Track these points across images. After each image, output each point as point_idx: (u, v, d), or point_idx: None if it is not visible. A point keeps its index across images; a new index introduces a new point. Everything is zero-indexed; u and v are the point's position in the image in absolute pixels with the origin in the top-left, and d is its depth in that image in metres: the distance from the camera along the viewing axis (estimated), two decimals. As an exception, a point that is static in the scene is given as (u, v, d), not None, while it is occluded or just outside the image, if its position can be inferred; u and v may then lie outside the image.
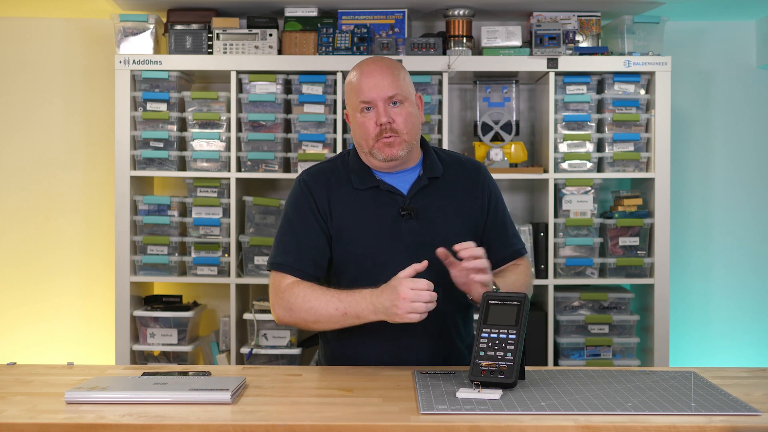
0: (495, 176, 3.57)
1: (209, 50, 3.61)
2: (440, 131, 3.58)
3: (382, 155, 2.22)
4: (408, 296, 2.01)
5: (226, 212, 3.60)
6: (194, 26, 3.62)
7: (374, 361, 2.21)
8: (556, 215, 3.60)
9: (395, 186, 2.27)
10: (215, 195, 3.62)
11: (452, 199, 2.29)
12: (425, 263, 2.06)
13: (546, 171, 3.60)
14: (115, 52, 3.64)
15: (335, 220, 2.25)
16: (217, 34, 3.58)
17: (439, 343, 2.25)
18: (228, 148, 3.60)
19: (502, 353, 1.89)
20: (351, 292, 2.12)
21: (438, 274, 2.22)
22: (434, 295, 2.02)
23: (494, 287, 2.08)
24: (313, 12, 3.65)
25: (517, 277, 2.29)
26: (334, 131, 3.61)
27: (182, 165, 3.68)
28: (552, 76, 3.56)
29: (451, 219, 2.27)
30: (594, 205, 3.60)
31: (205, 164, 3.62)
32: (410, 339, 2.23)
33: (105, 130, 3.89)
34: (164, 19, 3.73)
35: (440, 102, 3.58)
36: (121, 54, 3.57)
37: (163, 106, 3.61)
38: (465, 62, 3.55)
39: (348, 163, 2.31)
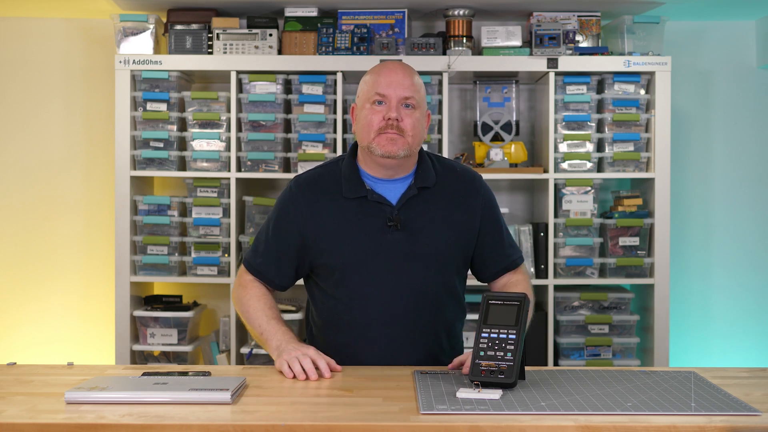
0: (495, 176, 3.60)
1: (209, 50, 3.61)
2: (440, 131, 3.58)
3: (381, 150, 2.18)
4: (303, 361, 2.05)
5: (226, 212, 3.60)
6: (194, 26, 3.62)
7: (366, 360, 2.22)
8: (556, 215, 3.60)
9: (384, 196, 2.23)
10: (215, 195, 3.62)
11: (442, 210, 2.26)
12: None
13: (546, 171, 3.60)
14: (115, 52, 3.64)
15: (317, 229, 2.23)
16: (217, 34, 3.58)
17: (426, 348, 2.25)
18: (228, 148, 3.60)
19: (502, 353, 1.89)
20: (276, 323, 2.21)
21: (425, 279, 2.23)
22: (310, 370, 2.03)
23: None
24: (313, 12, 3.65)
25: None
26: (334, 131, 3.61)
27: (182, 165, 3.68)
28: (552, 76, 3.56)
29: (439, 230, 2.24)
30: (594, 205, 3.60)
31: (205, 164, 3.62)
32: (396, 343, 2.23)
33: (105, 130, 3.89)
34: (164, 19, 3.73)
35: (440, 102, 3.58)
36: (121, 54, 3.57)
37: (163, 106, 3.61)
38: (465, 62, 3.55)
39: (341, 169, 2.28)
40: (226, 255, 3.60)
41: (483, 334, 1.92)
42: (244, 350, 3.55)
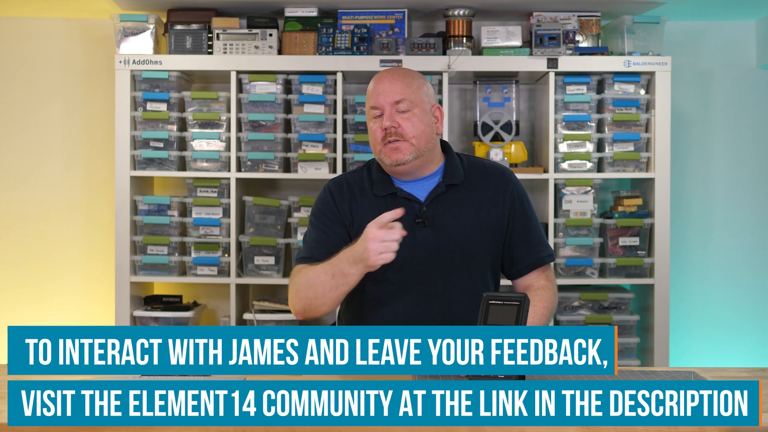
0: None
1: (209, 50, 3.61)
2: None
3: (388, 160, 2.23)
4: (376, 236, 2.02)
5: (226, 212, 3.60)
6: (194, 26, 3.62)
7: None
8: (556, 215, 3.60)
9: (413, 193, 2.28)
10: (215, 195, 3.62)
11: (470, 207, 2.28)
12: (400, 211, 2.06)
13: (546, 171, 3.60)
14: (115, 52, 3.64)
15: (355, 225, 2.27)
16: (217, 34, 3.58)
17: None
18: (228, 148, 3.60)
19: (502, 353, 1.89)
20: (329, 260, 2.16)
21: (456, 276, 2.23)
22: (402, 233, 2.02)
23: None
24: (313, 12, 3.65)
25: (534, 311, 2.22)
26: (334, 131, 3.61)
27: (182, 165, 3.68)
28: (552, 76, 3.56)
29: (467, 227, 2.26)
30: (594, 205, 3.60)
31: (205, 164, 3.62)
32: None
33: (105, 130, 3.89)
34: (164, 19, 3.73)
35: (440, 102, 3.58)
36: (121, 54, 3.57)
37: (163, 106, 3.61)
38: (465, 62, 3.55)
39: (371, 172, 2.34)
40: (226, 255, 3.59)
41: (483, 334, 1.92)
42: (244, 350, 3.54)
